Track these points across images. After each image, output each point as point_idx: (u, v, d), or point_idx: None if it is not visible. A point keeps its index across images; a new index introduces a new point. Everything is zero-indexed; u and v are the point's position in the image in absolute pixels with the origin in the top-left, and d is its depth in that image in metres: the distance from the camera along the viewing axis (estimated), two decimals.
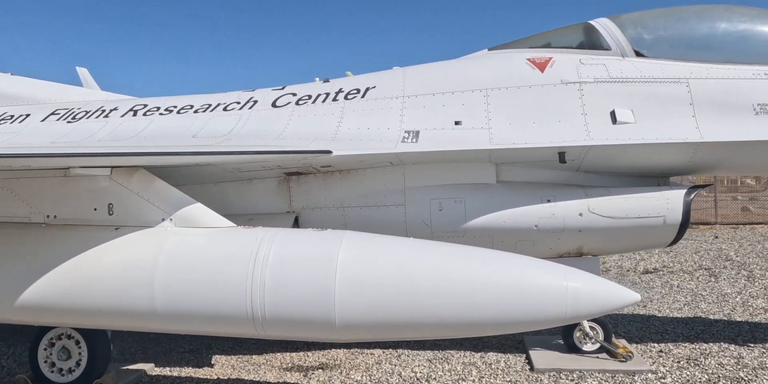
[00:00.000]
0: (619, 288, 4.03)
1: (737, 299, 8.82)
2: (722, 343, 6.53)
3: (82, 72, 7.47)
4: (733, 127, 5.11)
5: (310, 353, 6.35)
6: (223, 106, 6.06)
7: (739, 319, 7.64)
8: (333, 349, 6.46)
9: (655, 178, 5.83)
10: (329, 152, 4.84)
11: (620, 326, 7.37)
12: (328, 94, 5.89)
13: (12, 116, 6.39)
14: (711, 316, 7.83)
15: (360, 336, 4.03)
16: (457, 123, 5.36)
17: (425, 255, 4.02)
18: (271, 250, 4.02)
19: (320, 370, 5.76)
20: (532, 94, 5.45)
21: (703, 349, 6.37)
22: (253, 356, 6.30)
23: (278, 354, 6.35)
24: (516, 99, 5.44)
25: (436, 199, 5.48)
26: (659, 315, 7.99)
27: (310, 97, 5.92)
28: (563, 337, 6.21)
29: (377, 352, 6.33)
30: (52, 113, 6.31)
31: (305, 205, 5.66)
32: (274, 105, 5.92)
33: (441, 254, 4.04)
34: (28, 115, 6.33)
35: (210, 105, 6.11)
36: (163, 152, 4.23)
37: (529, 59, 5.70)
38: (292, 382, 5.46)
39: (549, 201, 5.41)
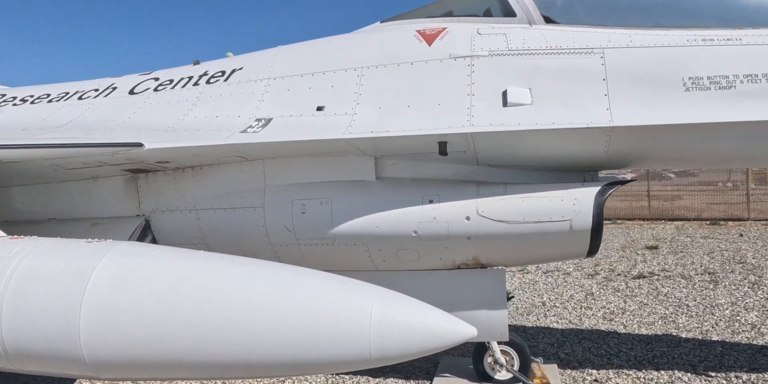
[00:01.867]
0: (446, 321, 3.06)
1: (726, 312, 7.58)
2: (676, 372, 5.43)
3: None
4: (656, 108, 4.02)
5: None
6: (80, 94, 5.34)
7: (714, 339, 6.46)
8: None
9: (578, 172, 4.77)
10: (140, 145, 4.02)
11: (566, 345, 6.32)
12: (190, 78, 5.08)
13: None
14: (683, 334, 6.67)
15: (122, 375, 3.21)
16: (319, 109, 4.45)
17: (204, 274, 3.15)
18: (19, 266, 3.24)
19: None
20: (413, 72, 4.48)
21: (649, 378, 5.29)
22: None
23: None
24: (393, 79, 4.49)
25: (299, 199, 4.59)
26: (621, 331, 6.87)
27: (171, 82, 5.12)
28: (473, 362, 5.26)
29: None
30: None
31: (156, 207, 4.87)
32: (131, 92, 5.15)
33: (225, 274, 3.15)
34: None
35: (67, 93, 5.40)
36: None
37: (418, 31, 4.72)
38: None
39: (431, 202, 4.44)
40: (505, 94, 4.21)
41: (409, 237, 4.44)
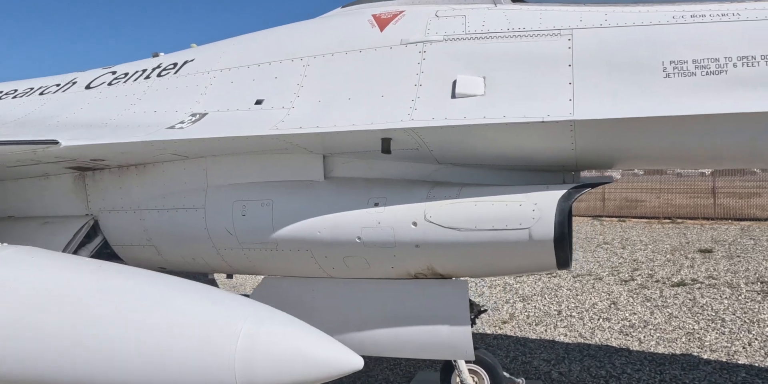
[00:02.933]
0: (326, 350, 2.65)
1: (767, 330, 6.68)
2: None
3: None
4: (627, 99, 3.40)
5: None
6: (43, 89, 5.23)
7: (741, 362, 5.66)
8: None
9: (556, 173, 4.19)
10: (56, 143, 3.80)
11: (564, 363, 5.71)
12: (144, 72, 4.84)
13: None
14: (706, 355, 5.90)
15: None
16: (257, 102, 4.09)
17: (68, 286, 2.87)
18: None
19: None
20: (361, 60, 4.03)
21: None
22: None
23: None
24: (339, 68, 4.06)
25: (240, 200, 4.26)
26: (635, 348, 6.16)
27: (126, 75, 4.91)
28: (440, 382, 4.78)
29: None
30: None
31: (102, 206, 4.67)
32: (87, 87, 4.98)
33: (89, 286, 2.87)
34: None
35: (32, 89, 5.30)
36: None
37: (374, 15, 4.27)
38: None
39: (377, 205, 3.99)
40: (455, 84, 3.70)
41: (353, 243, 4.02)
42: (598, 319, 7.30)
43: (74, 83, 5.12)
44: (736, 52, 3.28)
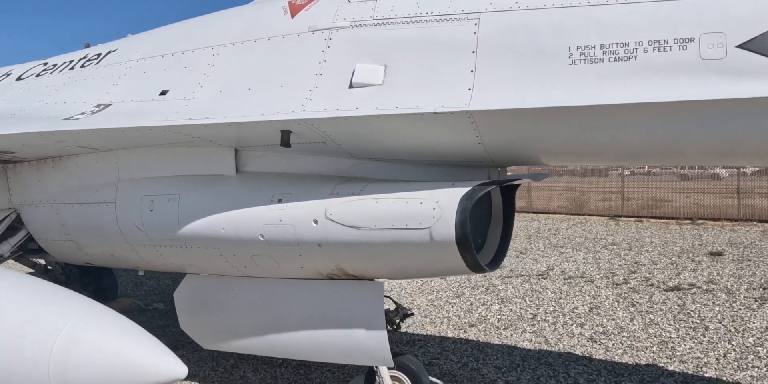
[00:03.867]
0: (149, 356, 2.45)
1: (749, 340, 6.23)
2: None
3: None
4: (529, 87, 3.11)
5: None
6: None
7: (708, 375, 5.26)
8: None
9: (479, 168, 3.91)
10: None
11: (515, 371, 5.40)
12: (71, 62, 4.75)
13: None
14: (672, 366, 5.51)
15: None
16: (163, 93, 3.93)
17: None
18: None
19: None
20: (267, 49, 3.83)
21: None
22: None
23: None
24: (246, 57, 3.87)
25: (148, 195, 4.11)
26: (598, 356, 5.80)
27: (54, 66, 4.83)
28: None
29: None
30: None
31: (23, 200, 4.60)
32: (18, 78, 4.91)
33: None
34: None
35: None
36: None
37: (290, 2, 4.05)
38: None
39: (280, 201, 3.78)
40: (353, 73, 3.46)
41: (256, 241, 3.82)
42: (572, 325, 6.93)
43: (8, 75, 5.07)
44: (647, 36, 2.95)
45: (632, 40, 2.97)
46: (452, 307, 7.97)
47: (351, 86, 3.44)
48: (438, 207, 3.39)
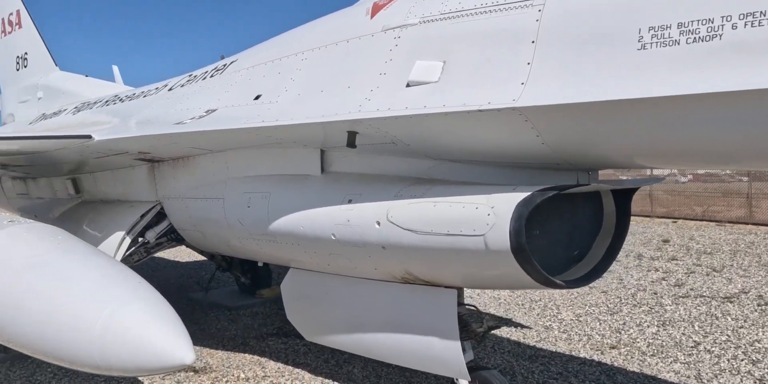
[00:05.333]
0: (162, 341, 2.64)
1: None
2: None
3: (115, 69, 8.50)
4: (587, 79, 2.69)
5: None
6: (146, 91, 6.08)
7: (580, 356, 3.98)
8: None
9: (566, 171, 3.49)
10: (89, 137, 4.40)
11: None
12: (206, 73, 5.32)
13: (60, 111, 7.68)
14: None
15: None
16: (256, 97, 4.21)
17: (24, 253, 3.39)
18: None
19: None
20: (345, 51, 3.87)
21: None
22: None
23: None
24: (326, 60, 3.96)
25: (249, 192, 4.42)
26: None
27: (195, 77, 5.45)
28: None
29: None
30: (74, 107, 7.34)
31: (165, 194, 5.27)
32: (170, 89, 5.66)
33: (33, 254, 3.34)
34: (64, 111, 7.51)
35: (149, 90, 6.19)
36: None
37: (375, 3, 4.04)
38: None
39: (350, 201, 3.79)
40: (412, 71, 3.35)
41: (329, 240, 3.90)
42: (742, 360, 5.79)
43: (166, 86, 5.86)
44: (737, 9, 2.37)
45: (718, 14, 2.40)
46: (600, 324, 7.20)
47: (408, 85, 3.32)
48: (493, 213, 3.11)
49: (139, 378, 5.08)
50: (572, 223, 3.80)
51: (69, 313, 2.84)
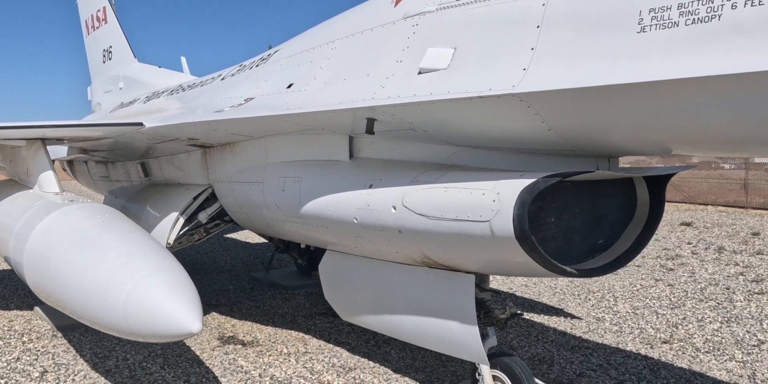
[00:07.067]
0: (174, 311, 2.89)
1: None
2: None
3: (183, 61, 8.93)
4: (586, 63, 2.64)
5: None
6: (203, 80, 6.43)
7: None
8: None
9: (584, 158, 3.42)
10: (141, 125, 4.75)
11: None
12: (253, 63, 5.57)
13: (135, 100, 8.27)
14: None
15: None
16: (289, 86, 4.39)
17: (73, 229, 3.79)
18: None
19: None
20: (369, 39, 3.95)
21: None
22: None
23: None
24: (352, 49, 4.06)
25: (283, 177, 4.62)
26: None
27: (243, 67, 5.72)
28: None
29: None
30: (146, 96, 7.89)
31: (215, 178, 5.59)
32: (223, 78, 5.97)
33: (81, 230, 3.73)
34: (138, 100, 8.08)
35: (206, 80, 6.55)
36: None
37: None
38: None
39: (371, 186, 3.89)
40: (424, 58, 3.39)
41: (353, 224, 4.03)
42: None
43: (219, 76, 6.19)
44: None
45: None
46: (656, 318, 6.92)
47: (420, 72, 3.36)
48: (498, 199, 3.12)
49: (191, 348, 5.49)
50: (598, 212, 3.71)
51: (103, 282, 3.17)
